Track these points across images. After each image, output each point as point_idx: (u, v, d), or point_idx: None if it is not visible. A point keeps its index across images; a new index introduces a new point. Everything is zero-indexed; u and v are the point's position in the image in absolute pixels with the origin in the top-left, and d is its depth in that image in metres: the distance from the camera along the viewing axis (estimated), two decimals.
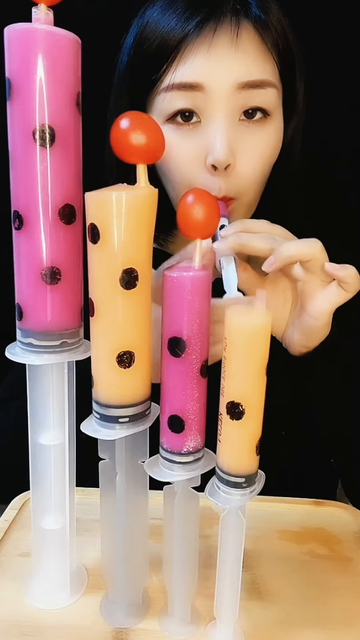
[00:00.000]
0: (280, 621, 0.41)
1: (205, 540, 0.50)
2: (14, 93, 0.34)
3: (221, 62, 0.51)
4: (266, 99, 0.53)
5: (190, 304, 0.35)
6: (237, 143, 0.53)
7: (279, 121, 0.56)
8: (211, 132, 0.52)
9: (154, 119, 0.37)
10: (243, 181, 0.54)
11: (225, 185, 0.53)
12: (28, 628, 0.40)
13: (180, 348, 0.36)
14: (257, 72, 0.52)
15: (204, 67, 0.51)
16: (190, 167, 0.54)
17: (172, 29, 0.52)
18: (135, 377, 0.37)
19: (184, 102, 0.52)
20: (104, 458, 0.40)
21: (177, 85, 0.52)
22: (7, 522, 0.51)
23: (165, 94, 0.53)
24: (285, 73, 0.56)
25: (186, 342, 0.35)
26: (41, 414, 0.41)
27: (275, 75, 0.54)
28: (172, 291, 0.35)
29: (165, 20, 0.53)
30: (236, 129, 0.53)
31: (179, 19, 0.52)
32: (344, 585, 0.45)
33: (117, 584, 0.42)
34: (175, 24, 0.52)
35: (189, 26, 0.51)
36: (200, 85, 0.51)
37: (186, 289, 0.35)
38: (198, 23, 0.51)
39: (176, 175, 0.55)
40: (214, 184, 0.53)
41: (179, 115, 0.53)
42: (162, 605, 0.42)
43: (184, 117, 0.53)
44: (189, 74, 0.52)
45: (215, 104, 0.52)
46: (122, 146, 0.35)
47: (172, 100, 0.53)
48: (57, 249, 0.36)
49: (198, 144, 0.53)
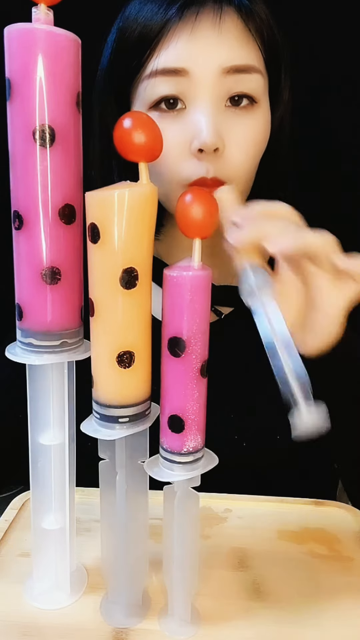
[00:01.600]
0: (280, 621, 0.41)
1: (205, 540, 0.50)
2: (14, 93, 0.34)
3: (204, 46, 0.51)
4: (252, 85, 0.53)
5: (190, 303, 0.35)
6: (225, 129, 0.52)
7: (266, 109, 0.56)
8: (196, 117, 0.51)
9: (153, 119, 0.37)
10: (234, 166, 0.53)
11: (214, 169, 0.52)
12: (28, 628, 0.40)
13: (180, 348, 0.36)
14: (241, 56, 0.52)
15: (187, 52, 0.51)
16: (177, 154, 0.52)
17: (154, 15, 0.51)
18: (135, 377, 0.37)
19: (168, 88, 0.52)
20: (104, 458, 0.40)
21: (160, 71, 0.51)
22: (7, 522, 0.51)
23: (148, 80, 0.52)
24: (270, 62, 0.55)
25: (186, 342, 0.35)
26: (41, 414, 0.41)
27: (260, 62, 0.54)
28: (172, 291, 0.35)
29: (146, 9, 0.53)
30: (223, 115, 0.52)
31: (160, 5, 0.52)
32: (344, 585, 0.45)
33: (117, 584, 0.42)
34: (157, 10, 0.51)
35: (171, 11, 0.51)
36: (184, 70, 0.51)
37: (186, 288, 0.35)
38: (179, 8, 0.50)
39: (161, 163, 0.53)
40: (201, 168, 0.51)
41: (163, 102, 0.52)
42: (162, 605, 0.42)
43: (169, 104, 0.52)
44: (172, 59, 0.51)
45: (200, 89, 0.51)
46: (125, 145, 0.35)
47: (156, 86, 0.52)
48: (57, 249, 0.36)
49: (184, 130, 0.52)
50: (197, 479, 0.38)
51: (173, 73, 0.51)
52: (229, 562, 0.47)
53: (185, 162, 0.53)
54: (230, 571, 0.46)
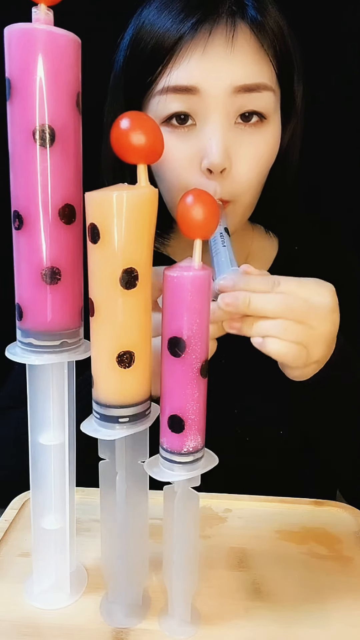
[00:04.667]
0: (280, 621, 0.41)
1: (205, 540, 0.50)
2: (14, 93, 0.34)
3: (216, 64, 0.51)
4: (262, 103, 0.53)
5: (190, 303, 0.35)
6: (233, 146, 0.52)
7: (276, 125, 0.56)
8: (207, 135, 0.52)
9: (153, 119, 0.37)
10: (239, 184, 0.54)
11: (221, 188, 0.53)
12: (28, 628, 0.40)
13: (180, 348, 0.36)
14: (253, 75, 0.52)
15: (199, 70, 0.51)
16: (186, 170, 0.53)
17: (167, 30, 0.52)
18: (135, 377, 0.37)
19: (179, 105, 0.52)
20: (104, 458, 0.40)
21: (172, 88, 0.52)
22: (7, 522, 0.51)
23: (160, 96, 0.53)
24: (283, 76, 0.55)
25: (186, 342, 0.35)
26: (41, 414, 0.41)
27: (272, 78, 0.54)
28: (172, 291, 0.35)
29: (160, 22, 0.53)
30: (232, 132, 0.53)
31: (174, 20, 0.52)
32: (344, 585, 0.45)
33: (117, 584, 0.42)
34: (171, 26, 0.52)
35: (184, 28, 0.51)
36: (196, 88, 0.51)
37: (186, 288, 0.35)
38: (193, 25, 0.51)
39: (171, 178, 0.55)
40: (209, 187, 0.53)
41: (174, 118, 0.53)
42: (162, 605, 0.42)
43: (180, 119, 0.53)
44: (184, 76, 0.51)
45: (211, 107, 0.51)
46: (122, 146, 0.35)
47: (167, 103, 0.52)
48: (57, 249, 0.36)
49: (193, 147, 0.53)
50: (197, 479, 0.38)
51: (184, 91, 0.52)
52: (229, 562, 0.47)
53: (193, 177, 0.54)
54: (230, 571, 0.46)
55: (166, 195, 0.58)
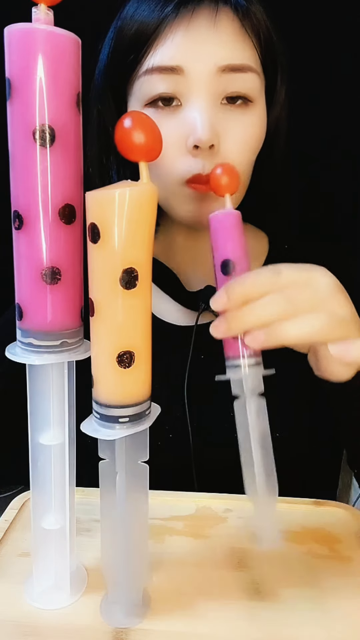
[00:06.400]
0: (280, 621, 0.41)
1: (205, 540, 0.50)
2: (14, 93, 0.34)
3: (200, 44, 0.51)
4: (247, 85, 0.53)
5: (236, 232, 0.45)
6: (221, 125, 0.52)
7: (261, 108, 0.55)
8: (192, 113, 0.51)
9: (152, 119, 0.37)
10: (229, 162, 0.53)
11: (209, 165, 0.52)
12: (28, 628, 0.40)
13: (229, 269, 0.44)
14: (237, 55, 0.52)
15: (183, 49, 0.51)
16: (172, 150, 0.52)
17: (150, 12, 0.52)
18: (135, 377, 0.37)
19: (163, 86, 0.52)
20: (104, 458, 0.40)
21: (156, 69, 0.51)
22: (7, 522, 0.51)
23: (144, 77, 0.52)
24: (266, 63, 0.55)
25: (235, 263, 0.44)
26: (41, 414, 0.41)
27: (256, 62, 0.54)
28: (219, 226, 0.46)
29: (143, 7, 0.53)
30: (218, 112, 0.52)
31: (157, 3, 0.52)
32: (344, 585, 0.45)
33: (117, 584, 0.42)
34: (154, 9, 0.52)
35: (167, 9, 0.51)
36: (180, 68, 0.51)
37: (232, 222, 0.45)
38: (176, 5, 0.51)
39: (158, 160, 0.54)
40: (197, 165, 0.52)
41: (159, 100, 0.52)
42: (162, 605, 0.42)
43: (164, 101, 0.52)
44: (167, 56, 0.51)
45: (195, 86, 0.51)
46: (126, 145, 0.35)
47: (152, 83, 0.52)
48: (57, 249, 0.36)
49: (179, 127, 0.52)
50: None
51: (169, 70, 0.51)
52: (229, 562, 0.47)
53: (181, 158, 0.53)
54: (230, 571, 0.46)
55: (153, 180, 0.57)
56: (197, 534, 0.51)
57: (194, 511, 0.54)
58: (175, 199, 0.56)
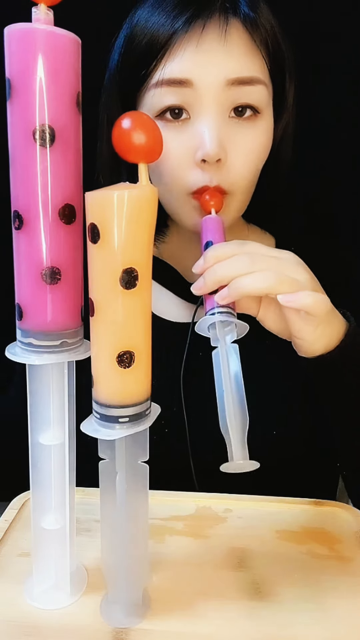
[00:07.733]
0: (280, 621, 0.41)
1: (205, 540, 0.50)
2: (14, 93, 0.34)
3: (210, 58, 0.51)
4: (256, 97, 0.53)
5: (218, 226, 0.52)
6: (228, 139, 0.53)
7: (269, 119, 0.56)
8: (200, 127, 0.52)
9: (152, 119, 0.37)
10: (236, 176, 0.54)
11: (217, 178, 0.53)
12: (28, 628, 0.40)
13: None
14: (246, 68, 0.52)
15: (193, 63, 0.51)
16: (180, 163, 0.54)
17: (161, 26, 0.52)
18: (135, 377, 0.37)
19: (173, 99, 0.53)
20: (104, 458, 0.40)
21: (166, 81, 0.52)
22: (7, 522, 0.51)
23: (154, 90, 0.53)
24: (275, 72, 0.56)
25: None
26: (41, 414, 0.41)
27: (264, 73, 0.54)
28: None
29: (154, 18, 0.53)
30: (226, 125, 0.53)
31: (167, 16, 0.52)
32: (344, 585, 0.45)
33: (117, 584, 0.42)
34: (165, 21, 0.52)
35: (178, 23, 0.51)
36: (189, 81, 0.51)
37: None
38: (187, 19, 0.51)
39: (166, 171, 0.55)
40: (204, 177, 0.53)
41: (168, 112, 0.53)
42: (162, 605, 0.42)
43: (174, 114, 0.53)
44: (177, 69, 0.52)
45: (204, 100, 0.52)
46: (124, 146, 0.35)
47: (161, 96, 0.53)
48: (57, 249, 0.36)
49: (188, 140, 0.53)
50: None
51: (178, 84, 0.52)
52: (229, 562, 0.47)
53: (189, 170, 0.54)
54: (230, 571, 0.46)
55: (161, 190, 0.58)
56: (197, 534, 0.51)
57: (194, 511, 0.54)
58: (183, 210, 0.57)
